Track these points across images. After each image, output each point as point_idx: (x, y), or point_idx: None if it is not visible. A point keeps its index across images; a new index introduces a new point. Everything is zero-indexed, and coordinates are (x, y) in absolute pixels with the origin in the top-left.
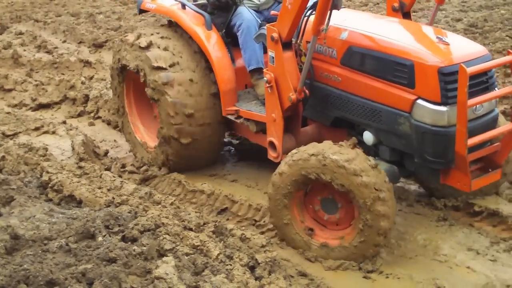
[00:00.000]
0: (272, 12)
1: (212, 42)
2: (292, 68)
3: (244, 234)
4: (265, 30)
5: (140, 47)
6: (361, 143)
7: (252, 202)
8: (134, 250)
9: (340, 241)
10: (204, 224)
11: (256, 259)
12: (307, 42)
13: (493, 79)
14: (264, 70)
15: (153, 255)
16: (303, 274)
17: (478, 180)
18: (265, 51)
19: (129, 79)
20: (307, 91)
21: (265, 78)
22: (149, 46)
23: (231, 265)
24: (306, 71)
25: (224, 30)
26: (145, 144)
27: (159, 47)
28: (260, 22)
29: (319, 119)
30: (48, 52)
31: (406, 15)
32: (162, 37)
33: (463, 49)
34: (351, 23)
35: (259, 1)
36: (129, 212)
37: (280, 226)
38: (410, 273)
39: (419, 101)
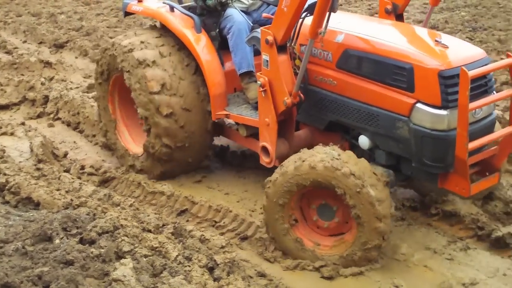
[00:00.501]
0: (264, 14)
1: (201, 45)
2: (287, 72)
3: (203, 235)
4: (258, 33)
5: (137, 61)
6: (355, 147)
7: (213, 203)
8: (92, 253)
9: (342, 246)
10: (163, 225)
11: (215, 260)
12: (301, 45)
13: (492, 82)
14: (258, 74)
15: (111, 257)
16: (262, 275)
17: (476, 185)
18: (255, 54)
19: (114, 85)
20: (302, 95)
21: (258, 82)
22: (144, 61)
23: (189, 266)
24: (302, 74)
25: (217, 30)
26: (131, 151)
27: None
28: (251, 24)
29: (312, 123)
30: (8, 52)
31: (399, 17)
32: (148, 42)
33: (462, 52)
34: (346, 26)
35: (248, 2)
36: (87, 214)
37: (278, 238)
38: (368, 272)
39: (419, 105)
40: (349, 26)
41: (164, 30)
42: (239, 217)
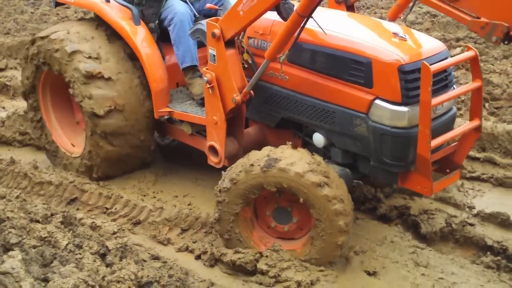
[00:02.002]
0: (208, 5)
1: (141, 38)
2: (236, 67)
3: (94, 222)
4: (202, 26)
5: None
6: (309, 145)
7: (103, 190)
8: None
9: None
10: (52, 215)
11: (107, 246)
12: (249, 37)
13: (451, 76)
14: (204, 69)
15: None
16: (156, 258)
17: (438, 183)
18: (199, 46)
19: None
20: (252, 92)
21: (205, 78)
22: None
23: (80, 254)
24: (256, 79)
25: (157, 21)
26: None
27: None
28: (196, 15)
29: (263, 120)
30: None
31: (350, 8)
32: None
33: (421, 45)
34: (332, 24)
35: None
36: None
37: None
38: None
39: (377, 101)
40: (326, 22)
41: (99, 22)
42: (130, 203)
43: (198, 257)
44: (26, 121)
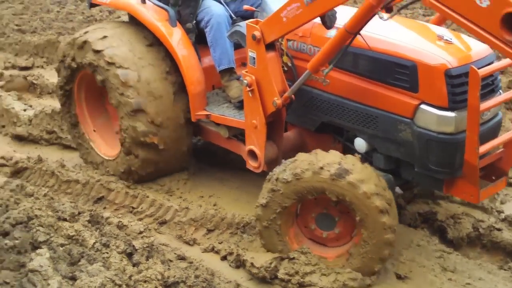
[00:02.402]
0: (246, 7)
1: (177, 40)
2: (276, 70)
3: (121, 221)
4: (241, 28)
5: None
6: (350, 150)
7: (129, 189)
8: (6, 244)
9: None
10: (79, 213)
11: (134, 246)
12: (288, 40)
13: (498, 81)
14: (243, 72)
15: (27, 248)
16: (182, 258)
17: (485, 190)
18: (235, 48)
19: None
20: (293, 96)
21: (244, 81)
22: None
23: (107, 253)
24: (299, 86)
25: (194, 22)
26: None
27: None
28: (232, 17)
29: (302, 124)
30: None
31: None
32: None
33: (468, 48)
34: (339, 19)
35: None
36: None
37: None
38: None
39: (423, 106)
40: (343, 20)
41: (133, 24)
42: (156, 202)
43: (224, 258)
44: (53, 120)
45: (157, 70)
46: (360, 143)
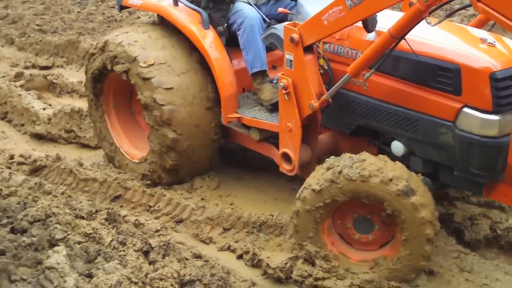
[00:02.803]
0: (280, 9)
1: (210, 43)
2: (314, 73)
3: (138, 219)
4: (277, 30)
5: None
6: (385, 153)
7: (146, 188)
8: (23, 242)
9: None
10: (96, 212)
11: (150, 244)
12: (325, 43)
13: None
14: (279, 75)
15: (44, 246)
16: (198, 256)
17: None
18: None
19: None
20: (330, 100)
21: (281, 84)
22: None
23: (124, 251)
24: (337, 89)
25: (225, 25)
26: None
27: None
28: (266, 20)
29: (336, 127)
30: None
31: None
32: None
33: (511, 51)
34: (378, 22)
35: None
36: (18, 203)
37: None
38: None
39: (466, 109)
40: (382, 22)
41: (164, 26)
42: (173, 201)
43: (240, 257)
44: (72, 119)
45: (190, 73)
46: (397, 147)
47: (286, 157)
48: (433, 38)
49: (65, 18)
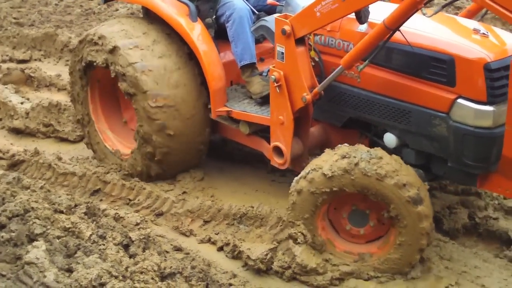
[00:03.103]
0: (269, 1)
1: (198, 35)
2: (306, 65)
3: (117, 213)
4: (267, 22)
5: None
6: (376, 145)
7: (126, 181)
8: (2, 237)
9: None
10: (75, 206)
11: (130, 237)
12: (315, 34)
13: None
14: (270, 67)
15: (23, 241)
16: (178, 249)
17: None
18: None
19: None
20: (322, 92)
21: (272, 77)
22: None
23: (104, 244)
24: (329, 82)
25: (214, 17)
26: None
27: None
28: (256, 12)
29: (328, 119)
30: None
31: None
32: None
33: (505, 41)
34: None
35: None
36: None
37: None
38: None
39: (460, 100)
40: (373, 13)
41: (148, 18)
42: (153, 194)
43: (220, 249)
44: (50, 113)
45: (175, 64)
46: (390, 139)
47: (277, 150)
48: (425, 29)
49: (43, 11)
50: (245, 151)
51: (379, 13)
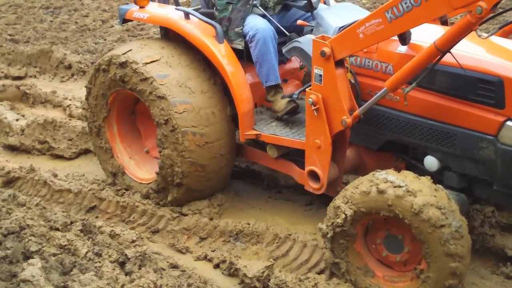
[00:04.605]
0: (300, 22)
1: (226, 57)
2: (345, 88)
3: (113, 230)
4: (301, 44)
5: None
6: (414, 168)
7: (120, 199)
8: None
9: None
10: (71, 223)
11: (126, 255)
12: (351, 56)
13: None
14: (308, 90)
15: (19, 258)
16: (175, 266)
17: None
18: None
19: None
20: (362, 115)
21: (310, 100)
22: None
23: (100, 262)
24: (372, 104)
25: (242, 27)
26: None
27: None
28: (285, 32)
29: (363, 142)
30: None
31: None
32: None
33: None
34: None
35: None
36: None
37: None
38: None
39: (510, 123)
40: (413, 33)
41: (167, 40)
42: (148, 212)
43: (216, 266)
44: (45, 130)
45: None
46: (431, 162)
47: (312, 175)
48: (471, 50)
49: (38, 27)
50: (240, 168)
51: (419, 34)
